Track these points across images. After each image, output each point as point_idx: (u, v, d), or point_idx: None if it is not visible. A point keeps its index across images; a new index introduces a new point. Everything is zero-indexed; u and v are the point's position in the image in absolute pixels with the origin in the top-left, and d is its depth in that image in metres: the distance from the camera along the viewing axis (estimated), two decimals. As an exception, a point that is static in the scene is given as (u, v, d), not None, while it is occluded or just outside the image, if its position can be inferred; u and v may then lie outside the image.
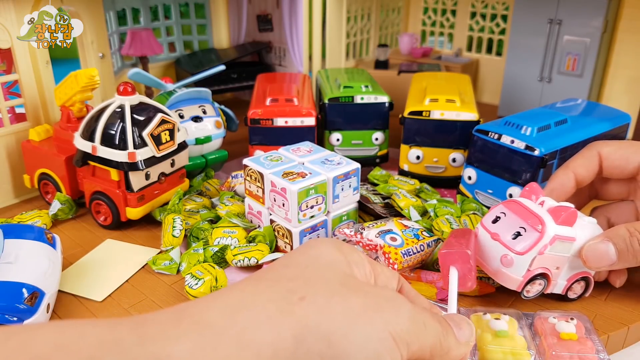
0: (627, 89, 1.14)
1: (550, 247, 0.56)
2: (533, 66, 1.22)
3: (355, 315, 0.29)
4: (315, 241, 0.36)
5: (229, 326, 0.27)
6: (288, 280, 0.31)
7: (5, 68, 0.93)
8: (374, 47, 1.48)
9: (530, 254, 0.56)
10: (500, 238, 0.59)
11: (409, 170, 0.92)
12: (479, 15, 1.41)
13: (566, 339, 0.53)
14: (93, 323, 0.27)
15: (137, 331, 0.26)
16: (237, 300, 0.29)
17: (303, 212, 0.68)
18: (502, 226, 0.60)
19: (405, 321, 0.31)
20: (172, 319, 0.27)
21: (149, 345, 0.25)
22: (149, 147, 0.75)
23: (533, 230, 0.57)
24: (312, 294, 0.30)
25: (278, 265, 0.34)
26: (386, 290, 0.33)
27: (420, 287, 0.62)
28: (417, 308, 0.33)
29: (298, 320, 0.28)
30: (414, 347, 0.31)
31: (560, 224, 0.57)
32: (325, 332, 0.28)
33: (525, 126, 0.76)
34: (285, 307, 0.28)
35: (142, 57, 1.25)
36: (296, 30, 1.26)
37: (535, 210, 0.58)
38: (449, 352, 0.34)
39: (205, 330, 0.26)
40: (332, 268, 0.33)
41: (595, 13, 1.09)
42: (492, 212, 0.62)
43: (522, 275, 0.58)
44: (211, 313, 0.28)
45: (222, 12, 1.39)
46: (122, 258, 0.73)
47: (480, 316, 0.56)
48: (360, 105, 0.92)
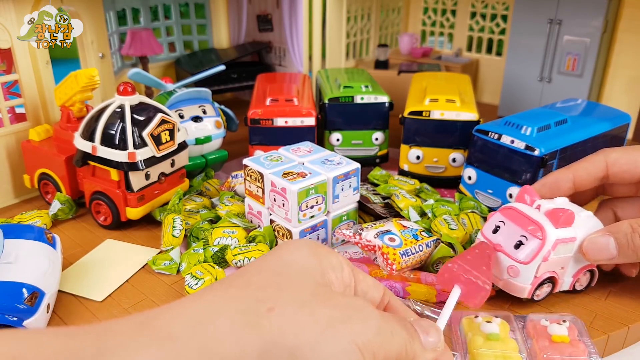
0: (627, 88, 1.14)
1: (554, 252, 0.57)
2: (533, 66, 1.22)
3: (323, 328, 0.29)
4: (291, 244, 0.36)
5: (192, 338, 0.26)
6: (258, 289, 0.31)
7: (5, 68, 0.93)
8: (374, 47, 1.48)
9: (535, 262, 0.57)
10: (504, 249, 0.59)
11: (409, 171, 0.92)
12: (479, 15, 1.41)
13: (558, 342, 0.52)
14: (54, 332, 0.26)
15: (96, 342, 0.25)
16: (203, 310, 0.28)
17: (303, 212, 0.68)
18: (503, 236, 0.60)
19: (372, 331, 0.31)
20: (134, 330, 0.26)
21: (107, 357, 0.24)
22: (149, 147, 0.75)
23: (534, 238, 0.57)
24: (281, 304, 0.29)
25: (250, 270, 0.33)
26: (356, 301, 0.33)
27: (420, 288, 0.62)
28: (386, 317, 0.33)
29: (264, 334, 0.28)
30: (380, 357, 0.31)
31: (559, 227, 0.57)
32: (291, 347, 0.28)
33: (525, 126, 0.76)
34: (253, 319, 0.28)
35: (142, 57, 1.25)
36: (296, 30, 1.26)
37: (533, 216, 0.58)
38: (415, 358, 0.34)
39: (167, 342, 0.26)
40: (304, 276, 0.33)
41: (595, 13, 1.09)
42: (491, 221, 0.62)
43: (530, 283, 0.58)
44: (175, 324, 0.27)
45: (222, 12, 1.39)
46: (122, 258, 0.73)
47: (472, 319, 0.56)
48: (360, 105, 0.92)
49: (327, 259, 0.35)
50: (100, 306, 0.63)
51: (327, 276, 0.34)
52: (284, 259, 0.34)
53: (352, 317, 0.31)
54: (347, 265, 0.36)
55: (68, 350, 0.24)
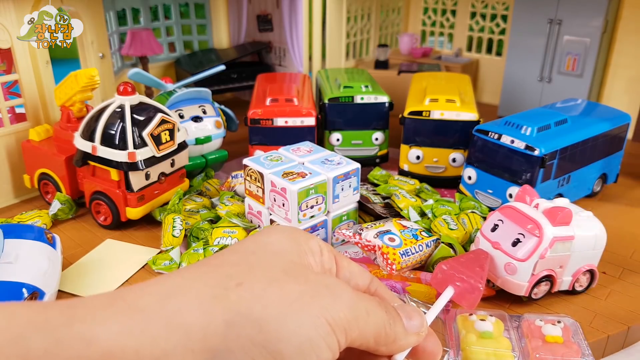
0: (627, 88, 1.14)
1: (551, 250, 0.57)
2: (533, 66, 1.22)
3: (291, 302, 0.29)
4: (271, 229, 0.36)
5: (160, 310, 0.27)
6: (230, 266, 0.31)
7: (5, 68, 0.93)
8: (374, 47, 1.48)
9: (532, 259, 0.57)
10: (501, 246, 0.59)
11: (409, 170, 0.92)
12: (479, 15, 1.41)
13: (551, 342, 0.52)
14: (26, 305, 0.27)
15: (66, 312, 0.26)
16: (173, 285, 0.29)
17: (303, 212, 0.68)
18: (501, 234, 0.60)
19: (343, 308, 0.30)
20: (104, 303, 0.27)
21: (77, 325, 0.25)
22: (149, 147, 0.75)
23: (531, 235, 0.57)
24: (251, 280, 0.29)
25: (226, 251, 0.33)
26: (329, 278, 0.33)
27: (420, 288, 0.62)
28: (361, 295, 0.33)
29: (231, 305, 0.28)
30: (353, 334, 0.31)
31: (557, 225, 0.57)
32: (257, 318, 0.28)
33: (525, 126, 0.76)
34: (221, 292, 0.28)
35: (142, 57, 1.25)
36: (296, 30, 1.26)
37: (531, 214, 0.59)
38: (396, 341, 0.34)
39: (136, 313, 0.27)
40: (279, 256, 0.33)
41: (595, 13, 1.09)
42: (490, 220, 0.62)
43: (527, 281, 0.58)
44: (144, 297, 0.28)
45: (222, 12, 1.39)
46: (122, 258, 0.73)
47: (466, 317, 0.56)
48: (360, 105, 0.92)
49: (307, 243, 0.35)
50: (100, 306, 0.63)
51: (305, 259, 0.34)
52: (260, 241, 0.34)
53: (322, 293, 0.30)
54: (329, 251, 0.36)
55: (39, 320, 0.25)
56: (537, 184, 0.75)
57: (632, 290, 0.65)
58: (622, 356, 0.59)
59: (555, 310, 0.61)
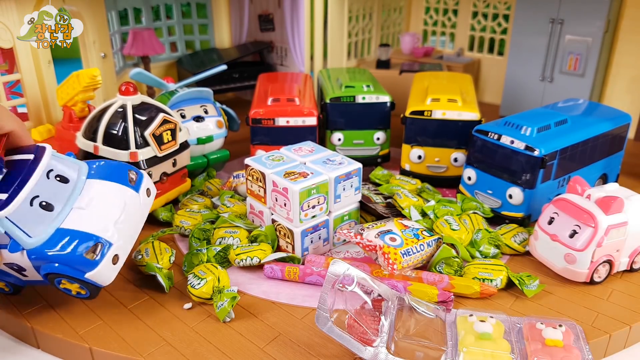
0: (629, 88, 1.14)
1: (607, 237, 0.61)
2: (535, 66, 1.22)
3: None
4: None
5: None
6: None
7: (7, 68, 0.94)
8: (375, 46, 1.48)
9: (590, 248, 0.61)
10: (559, 238, 0.64)
11: (411, 170, 0.92)
12: (480, 15, 1.41)
13: (551, 346, 0.52)
14: None
15: None
16: None
17: (305, 212, 0.68)
18: (557, 226, 0.65)
19: None
20: None
21: None
22: (150, 147, 0.75)
23: (587, 226, 0.62)
24: None
25: None
26: None
27: (421, 288, 0.62)
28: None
29: None
30: None
31: (610, 213, 0.61)
32: None
33: (525, 126, 0.76)
34: None
35: (143, 57, 1.25)
36: (298, 29, 1.26)
37: (585, 205, 0.63)
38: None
39: None
40: None
41: (597, 13, 1.09)
42: (546, 213, 0.67)
43: (587, 268, 0.63)
44: None
45: (223, 11, 1.39)
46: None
47: (466, 317, 0.56)
48: (361, 105, 0.92)
49: None
50: (102, 305, 0.63)
51: None
52: None
53: None
54: None
55: None
56: (537, 185, 0.75)
57: (634, 289, 0.65)
58: (624, 356, 0.59)
59: (557, 310, 0.61)
